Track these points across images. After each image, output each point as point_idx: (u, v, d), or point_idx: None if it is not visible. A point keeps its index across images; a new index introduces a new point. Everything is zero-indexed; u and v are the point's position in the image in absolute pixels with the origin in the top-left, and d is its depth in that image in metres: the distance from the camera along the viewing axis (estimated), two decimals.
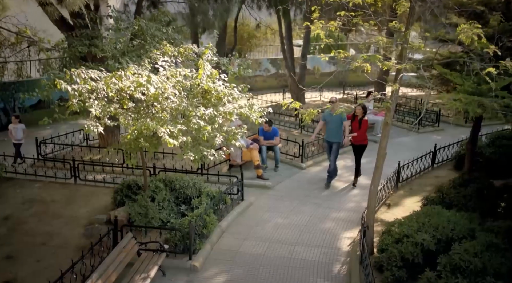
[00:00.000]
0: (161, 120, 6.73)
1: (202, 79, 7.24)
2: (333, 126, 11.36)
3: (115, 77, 6.56)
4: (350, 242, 8.80)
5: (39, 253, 8.27)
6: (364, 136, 11.36)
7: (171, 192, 9.37)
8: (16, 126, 12.66)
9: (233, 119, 7.80)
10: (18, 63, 16.60)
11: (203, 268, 7.88)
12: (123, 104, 7.05)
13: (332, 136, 11.44)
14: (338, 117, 11.05)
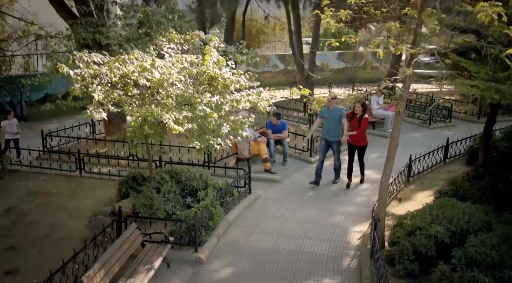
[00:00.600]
0: (166, 106, 6.53)
1: (209, 65, 7.02)
2: (331, 124, 10.66)
3: (118, 62, 6.37)
4: (360, 236, 8.55)
5: (41, 244, 8.10)
6: (363, 136, 10.63)
7: (177, 184, 9.17)
8: (10, 122, 12.35)
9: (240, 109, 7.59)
10: (25, 57, 16.51)
11: (209, 261, 7.67)
12: (127, 91, 6.86)
13: (330, 134, 10.73)
14: (336, 114, 10.54)
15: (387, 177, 7.87)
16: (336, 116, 10.57)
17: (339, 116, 10.56)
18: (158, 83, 6.57)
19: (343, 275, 7.36)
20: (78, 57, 6.22)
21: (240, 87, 7.36)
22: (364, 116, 10.52)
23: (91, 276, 5.99)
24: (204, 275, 7.30)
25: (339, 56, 24.91)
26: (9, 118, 12.35)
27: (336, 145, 10.74)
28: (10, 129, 12.22)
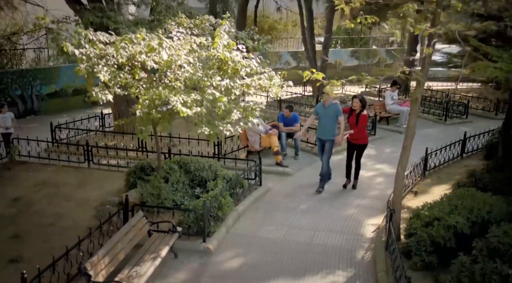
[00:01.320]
0: (174, 89, 6.30)
1: (218, 48, 6.78)
2: (326, 121, 9.64)
3: (125, 41, 6.16)
4: (374, 229, 8.25)
5: (47, 233, 7.92)
6: (362, 134, 9.70)
7: (185, 174, 8.95)
8: (4, 115, 11.82)
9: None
10: (36, 50, 16.45)
11: (218, 251, 7.42)
12: (134, 74, 6.65)
13: (324, 133, 9.72)
14: (332, 110, 9.56)
15: (403, 167, 7.57)
16: (332, 113, 9.58)
17: (335, 113, 9.58)
18: (166, 65, 6.35)
19: (357, 267, 7.06)
20: (83, 35, 6.02)
21: (251, 72, 7.11)
22: (362, 113, 9.58)
23: (95, 263, 5.77)
24: (213, 266, 7.05)
25: (352, 54, 24.59)
26: (3, 112, 11.84)
27: (329, 144, 9.72)
28: (3, 124, 11.72)
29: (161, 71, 6.67)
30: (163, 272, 6.81)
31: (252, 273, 6.87)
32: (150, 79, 6.83)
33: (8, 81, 15.28)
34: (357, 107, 9.59)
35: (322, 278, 6.77)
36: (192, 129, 6.84)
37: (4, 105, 12.04)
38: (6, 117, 11.84)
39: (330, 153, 9.84)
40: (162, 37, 6.22)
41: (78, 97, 16.95)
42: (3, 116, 11.82)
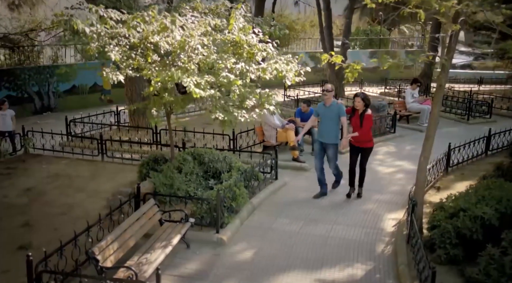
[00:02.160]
0: (187, 71, 6.08)
1: (234, 30, 6.55)
2: (328, 123, 8.57)
3: (137, 19, 5.96)
4: (395, 223, 7.90)
5: (57, 222, 7.76)
6: (368, 137, 8.68)
7: (199, 165, 8.72)
8: (4, 113, 11.26)
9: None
10: (53, 47, 16.49)
11: (231, 242, 7.16)
12: (147, 57, 6.45)
13: (325, 136, 8.60)
14: (334, 110, 8.49)
15: (426, 156, 7.22)
16: (334, 113, 8.52)
17: (337, 113, 8.52)
18: (179, 46, 6.14)
19: (377, 261, 6.73)
20: (94, 11, 5.85)
21: (267, 56, 6.87)
22: (366, 113, 8.56)
23: (103, 248, 5.56)
24: (226, 256, 6.78)
25: (371, 55, 24.21)
26: (4, 109, 11.28)
27: (332, 149, 8.63)
28: (2, 122, 11.17)
29: (174, 53, 6.46)
30: (175, 262, 6.58)
31: (266, 264, 6.58)
32: (163, 62, 6.63)
33: (25, 78, 15.31)
34: (360, 106, 8.57)
35: (340, 270, 6.45)
36: (206, 114, 6.61)
37: (5, 101, 11.53)
38: (5, 115, 11.30)
39: (336, 158, 8.79)
40: (175, 15, 6.01)
41: (94, 94, 16.94)
42: (2, 113, 11.27)
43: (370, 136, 8.78)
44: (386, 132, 13.39)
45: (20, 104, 15.18)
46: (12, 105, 14.94)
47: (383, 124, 13.32)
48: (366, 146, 8.71)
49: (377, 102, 13.86)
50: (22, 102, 15.31)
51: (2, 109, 11.29)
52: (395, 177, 10.26)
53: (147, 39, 6.20)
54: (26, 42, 15.97)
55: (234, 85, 6.27)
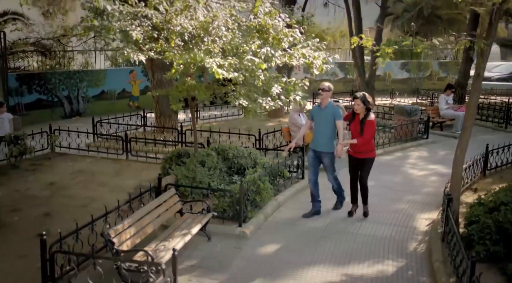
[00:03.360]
0: (210, 52, 5.88)
1: (259, 13, 6.34)
2: (322, 127, 7.40)
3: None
4: (428, 223, 7.44)
5: (77, 213, 7.58)
6: (368, 146, 7.34)
7: (223, 161, 8.48)
8: (2, 116, 10.66)
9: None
10: (83, 53, 16.70)
11: (254, 236, 6.84)
12: (170, 41, 6.29)
13: (319, 143, 7.41)
14: (329, 113, 7.27)
15: (462, 149, 6.79)
16: (328, 117, 7.28)
17: (332, 116, 7.28)
18: (202, 27, 5.95)
19: (409, 258, 6.29)
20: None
21: (294, 41, 6.62)
22: (368, 119, 7.18)
23: (119, 231, 5.33)
24: (248, 249, 6.46)
25: (403, 66, 23.73)
26: (1, 112, 10.71)
27: (328, 158, 7.47)
28: (0, 125, 10.59)
29: (198, 38, 6.28)
30: (195, 254, 6.30)
31: (290, 258, 6.23)
32: (187, 47, 6.46)
33: (56, 82, 15.51)
34: (360, 110, 7.19)
35: (368, 266, 6.04)
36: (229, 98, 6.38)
37: (3, 104, 10.99)
38: (3, 119, 10.71)
39: (333, 168, 7.57)
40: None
41: (122, 100, 17.03)
42: (0, 117, 10.71)
43: (371, 145, 7.43)
44: (418, 138, 12.89)
45: (50, 108, 15.36)
46: (42, 108, 15.25)
47: (415, 129, 12.83)
48: (366, 157, 7.36)
49: (408, 106, 13.41)
50: (52, 106, 15.48)
51: (1, 113, 10.71)
52: (428, 179, 9.77)
53: (170, 22, 6.04)
54: (58, 47, 16.23)
55: (258, 70, 6.02)
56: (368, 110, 7.23)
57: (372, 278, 5.77)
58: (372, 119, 7.23)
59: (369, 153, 7.40)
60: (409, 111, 12.71)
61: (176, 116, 13.29)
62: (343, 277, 5.79)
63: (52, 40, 15.92)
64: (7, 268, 5.89)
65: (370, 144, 7.41)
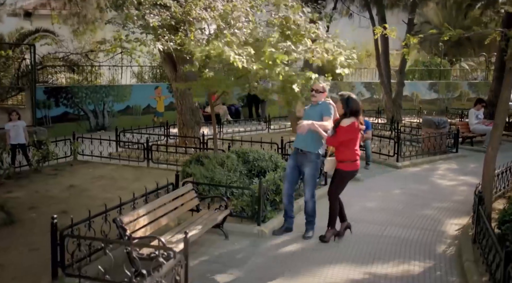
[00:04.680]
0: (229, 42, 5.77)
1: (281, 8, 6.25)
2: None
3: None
4: (458, 228, 7.05)
5: (94, 211, 7.43)
6: (341, 155, 6.18)
7: (243, 164, 8.28)
8: (15, 123, 10.39)
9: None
10: (110, 68, 16.96)
11: (273, 236, 6.56)
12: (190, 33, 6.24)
13: (302, 141, 6.39)
14: (318, 109, 6.36)
15: (494, 147, 6.49)
16: (316, 113, 6.34)
17: (321, 113, 6.32)
18: (221, 17, 5.88)
19: (437, 259, 5.92)
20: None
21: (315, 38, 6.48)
22: (343, 123, 6.04)
23: (132, 219, 5.18)
24: (266, 247, 6.21)
25: (431, 87, 23.31)
26: (13, 119, 10.41)
27: (310, 167, 6.37)
28: (13, 134, 10.29)
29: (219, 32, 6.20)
30: (211, 251, 6.07)
31: (311, 256, 5.95)
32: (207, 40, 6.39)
33: (82, 96, 15.74)
34: (340, 110, 6.17)
35: (393, 266, 5.70)
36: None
37: (14, 111, 10.77)
38: (18, 126, 10.43)
39: (313, 183, 6.50)
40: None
41: (147, 116, 17.12)
42: (14, 124, 10.39)
43: (345, 155, 6.12)
44: (447, 151, 12.45)
45: (76, 121, 15.54)
46: (68, 122, 15.43)
47: (444, 142, 12.40)
48: (339, 167, 6.20)
49: (436, 118, 13.03)
50: (78, 120, 15.66)
51: (12, 120, 10.43)
52: (457, 188, 9.36)
53: (190, 14, 6.00)
54: (85, 62, 16.56)
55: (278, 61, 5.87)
56: (350, 114, 6.04)
57: (397, 277, 5.42)
58: (348, 125, 6.01)
59: (340, 164, 6.20)
60: (437, 123, 12.34)
61: (199, 128, 13.21)
62: (366, 275, 5.47)
63: (80, 55, 16.26)
64: (18, 259, 5.77)
65: (343, 153, 6.13)
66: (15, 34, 17.12)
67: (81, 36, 16.28)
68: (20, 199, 8.24)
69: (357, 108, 6.11)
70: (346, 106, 6.06)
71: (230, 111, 18.27)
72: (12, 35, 17.24)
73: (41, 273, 5.29)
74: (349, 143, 6.09)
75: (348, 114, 6.07)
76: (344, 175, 6.25)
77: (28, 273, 5.38)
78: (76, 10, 15.58)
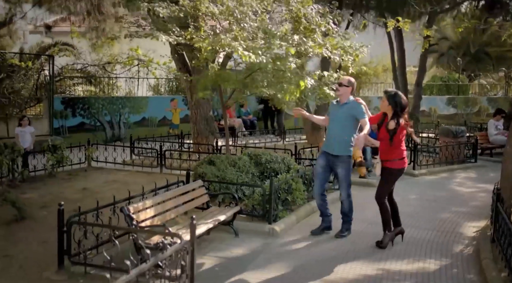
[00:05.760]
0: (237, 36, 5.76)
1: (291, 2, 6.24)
2: (337, 126, 6.14)
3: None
4: (476, 230, 6.81)
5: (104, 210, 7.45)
6: (395, 153, 5.86)
7: (256, 166, 8.19)
8: (23, 129, 10.85)
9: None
10: (127, 80, 17.15)
11: (284, 235, 6.43)
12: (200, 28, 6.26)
13: (332, 145, 6.17)
14: (348, 110, 6.04)
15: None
16: (346, 114, 6.03)
17: (351, 114, 6.01)
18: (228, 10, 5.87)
19: (454, 258, 5.72)
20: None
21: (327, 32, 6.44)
22: (396, 122, 5.69)
23: (139, 209, 5.13)
24: (276, 245, 6.07)
25: (449, 102, 23.02)
26: (23, 125, 10.94)
27: (343, 167, 6.20)
28: (21, 138, 10.67)
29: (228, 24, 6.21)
30: (220, 246, 5.97)
31: (322, 254, 5.80)
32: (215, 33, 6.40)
33: (99, 107, 15.88)
34: (383, 107, 5.88)
35: (408, 264, 5.52)
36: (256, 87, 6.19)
37: (24, 117, 11.33)
38: (25, 132, 10.88)
39: (348, 183, 6.32)
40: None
41: (163, 128, 17.17)
42: (21, 130, 10.89)
43: (399, 153, 5.86)
44: (466, 161, 12.18)
45: (92, 132, 15.63)
46: (85, 132, 15.54)
47: (462, 152, 12.14)
48: (385, 166, 5.92)
49: (454, 127, 12.81)
50: (94, 130, 15.76)
51: (22, 125, 10.95)
52: (476, 195, 9.11)
53: (199, 9, 6.02)
54: (103, 74, 16.77)
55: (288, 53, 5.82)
56: (396, 112, 5.69)
57: (412, 274, 5.23)
58: (402, 124, 5.74)
59: (387, 162, 5.88)
60: (455, 132, 12.11)
61: (213, 137, 13.19)
62: (379, 271, 5.29)
63: (97, 67, 16.49)
64: (27, 251, 5.74)
65: (391, 151, 5.84)
66: (36, 48, 17.47)
67: (99, 49, 16.51)
68: (32, 199, 8.26)
69: (406, 104, 5.83)
70: (394, 103, 5.70)
71: (245, 124, 18.23)
72: (32, 49, 17.60)
73: (48, 263, 5.24)
74: (400, 142, 5.85)
75: (399, 112, 5.71)
76: (394, 172, 5.94)
77: (35, 263, 5.34)
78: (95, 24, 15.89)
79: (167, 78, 18.13)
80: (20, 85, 14.97)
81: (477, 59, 26.46)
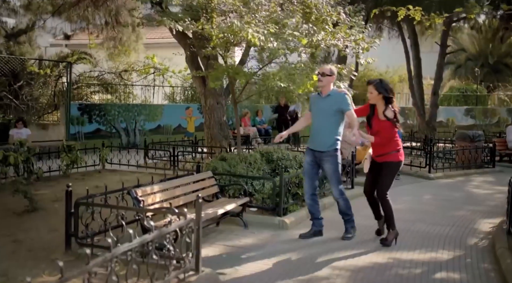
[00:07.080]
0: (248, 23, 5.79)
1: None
2: (321, 121, 5.67)
3: None
4: (492, 226, 6.64)
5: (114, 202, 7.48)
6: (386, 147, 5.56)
7: (267, 163, 8.15)
8: (19, 131, 10.94)
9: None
10: (143, 88, 17.34)
11: (294, 227, 6.35)
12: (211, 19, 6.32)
13: (317, 141, 5.73)
14: (331, 102, 5.58)
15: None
16: (330, 107, 5.57)
17: (336, 106, 5.55)
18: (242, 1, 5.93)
19: (467, 250, 5.59)
20: None
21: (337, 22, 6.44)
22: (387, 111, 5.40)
23: (147, 192, 5.14)
24: (286, 236, 6.01)
25: (467, 112, 22.73)
26: (19, 127, 11.05)
27: (330, 162, 5.68)
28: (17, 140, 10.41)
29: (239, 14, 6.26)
30: (230, 237, 5.93)
31: (333, 245, 5.71)
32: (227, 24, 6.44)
33: (115, 114, 16.04)
34: (373, 98, 5.47)
35: (420, 253, 5.42)
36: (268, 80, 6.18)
37: (21, 119, 11.43)
38: (21, 133, 10.91)
39: (338, 179, 5.80)
40: None
41: (177, 135, 17.24)
42: (18, 131, 11.00)
43: (392, 146, 5.57)
44: (483, 166, 11.96)
45: (108, 139, 15.74)
46: (100, 138, 15.68)
47: (479, 156, 11.94)
48: (385, 160, 5.59)
49: (471, 131, 12.63)
50: (110, 137, 15.88)
51: (17, 127, 11.07)
52: (493, 195, 8.94)
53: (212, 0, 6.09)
54: (119, 82, 16.99)
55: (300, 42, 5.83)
56: (387, 101, 5.42)
57: (424, 263, 5.11)
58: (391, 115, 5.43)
59: (385, 156, 5.59)
60: (472, 136, 11.94)
61: (227, 142, 13.21)
62: (390, 260, 5.19)
63: (114, 75, 16.73)
64: (37, 238, 5.77)
65: (389, 145, 5.57)
66: (55, 58, 17.83)
67: (117, 58, 16.78)
68: (45, 194, 8.33)
69: (392, 89, 5.62)
70: (384, 90, 5.41)
71: (259, 133, 18.24)
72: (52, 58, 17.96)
73: (57, 248, 5.26)
74: (395, 132, 5.59)
75: (391, 99, 5.44)
76: (393, 165, 5.62)
77: (44, 248, 5.35)
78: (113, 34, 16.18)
79: (182, 87, 18.29)
80: (38, 92, 15.30)
81: (495, 71, 26.17)
